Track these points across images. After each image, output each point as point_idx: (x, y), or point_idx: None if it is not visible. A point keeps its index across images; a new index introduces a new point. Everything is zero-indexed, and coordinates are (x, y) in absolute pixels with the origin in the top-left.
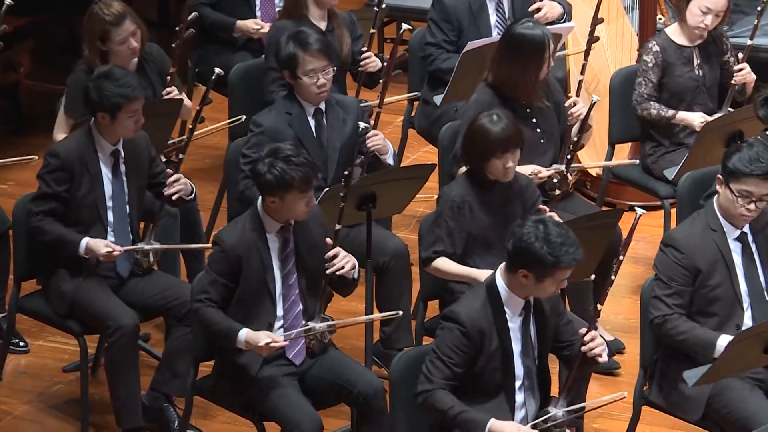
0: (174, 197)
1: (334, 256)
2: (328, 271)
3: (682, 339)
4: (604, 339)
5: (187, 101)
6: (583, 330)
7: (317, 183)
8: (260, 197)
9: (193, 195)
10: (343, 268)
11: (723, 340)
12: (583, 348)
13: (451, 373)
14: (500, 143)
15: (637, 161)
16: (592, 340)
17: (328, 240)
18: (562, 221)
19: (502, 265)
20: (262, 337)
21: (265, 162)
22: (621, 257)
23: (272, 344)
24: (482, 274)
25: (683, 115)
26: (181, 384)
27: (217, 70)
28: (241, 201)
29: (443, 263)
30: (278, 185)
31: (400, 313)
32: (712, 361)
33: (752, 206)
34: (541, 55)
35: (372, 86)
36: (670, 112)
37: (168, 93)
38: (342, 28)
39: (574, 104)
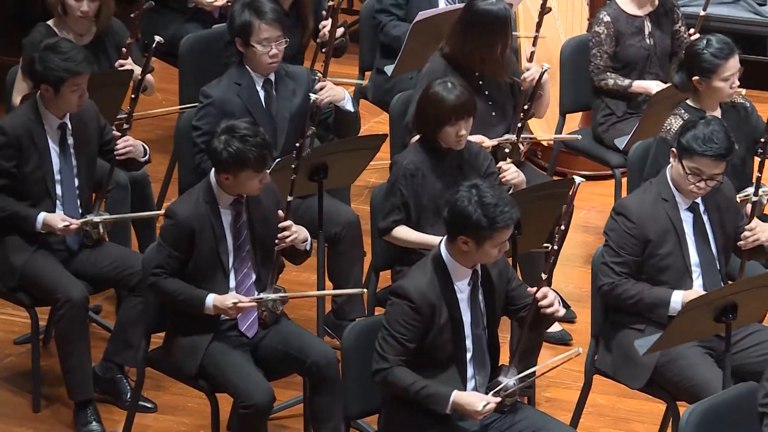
0: (123, 157)
1: (286, 228)
2: (278, 244)
3: (635, 301)
4: (557, 293)
5: (148, 77)
6: (533, 289)
7: (273, 161)
8: (214, 170)
9: (147, 157)
10: (294, 239)
11: (677, 296)
12: (539, 304)
13: (404, 348)
14: (454, 111)
15: (579, 136)
16: (544, 296)
17: (280, 212)
18: (519, 172)
19: (446, 236)
20: (230, 298)
21: (221, 139)
22: (563, 227)
23: (240, 304)
24: (428, 238)
25: (640, 84)
26: (133, 354)
27: (158, 38)
28: (196, 174)
29: (402, 232)
30: (233, 163)
31: (365, 291)
32: (668, 320)
33: (702, 184)
34: (505, 30)
35: (338, 56)
36: (627, 81)
37: (121, 65)
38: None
39: (527, 69)
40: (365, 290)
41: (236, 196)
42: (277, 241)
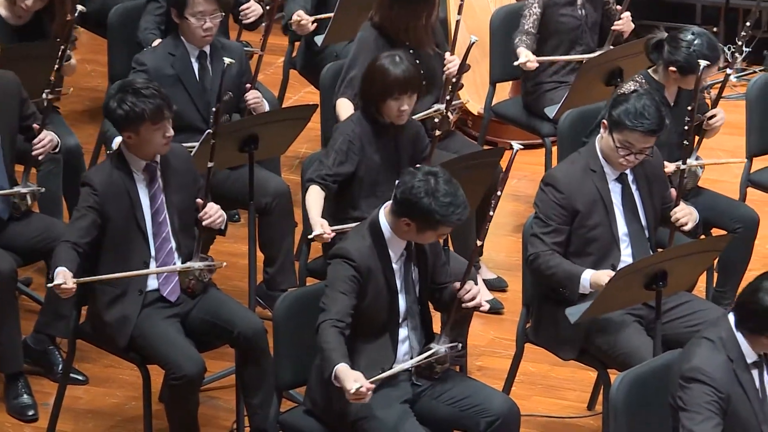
0: (42, 157)
1: (205, 211)
2: (198, 225)
3: (551, 273)
4: (478, 286)
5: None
6: (457, 284)
7: (171, 114)
8: (120, 135)
9: (58, 148)
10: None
11: (587, 274)
12: (459, 296)
13: (346, 302)
14: (398, 85)
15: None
16: (466, 292)
17: (199, 201)
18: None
19: (387, 205)
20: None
21: (115, 98)
22: (499, 192)
23: (63, 286)
24: (316, 218)
25: (519, 50)
26: (65, 326)
27: (80, 7)
28: None
29: (313, 193)
30: (130, 119)
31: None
32: (579, 296)
33: (631, 157)
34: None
35: (253, 29)
36: (520, 47)
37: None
38: None
39: (450, 61)
40: (224, 263)
41: (148, 160)
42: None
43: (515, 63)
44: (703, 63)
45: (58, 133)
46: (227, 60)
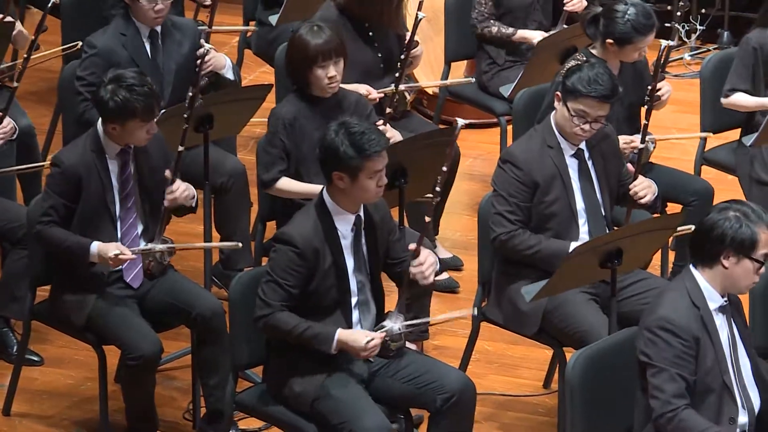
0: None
1: (173, 188)
2: (166, 203)
3: (533, 252)
4: (436, 256)
5: (21, 28)
6: (413, 245)
7: (159, 111)
8: (101, 120)
9: (15, 135)
10: (179, 198)
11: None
12: (411, 270)
13: (288, 294)
14: (320, 52)
15: (473, 79)
16: (420, 263)
17: (167, 173)
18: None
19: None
20: (112, 248)
21: (108, 89)
22: (444, 168)
23: (121, 256)
24: (312, 187)
25: (523, 33)
26: (19, 307)
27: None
28: (80, 124)
29: (285, 183)
30: (120, 113)
31: (239, 245)
32: None
33: (587, 126)
34: None
35: (209, 6)
36: (510, 29)
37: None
38: None
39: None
40: (239, 244)
41: (123, 146)
42: (165, 203)
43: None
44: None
45: (10, 113)
46: (206, 45)
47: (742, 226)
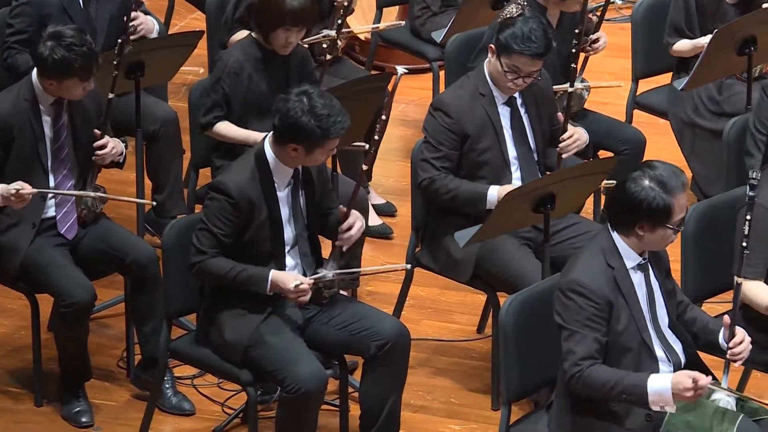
0: None
1: (102, 146)
2: (95, 159)
3: (452, 196)
4: (365, 213)
5: None
6: (344, 209)
7: (97, 70)
8: (36, 71)
9: None
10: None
11: (493, 190)
12: (339, 241)
13: (221, 242)
14: (291, 16)
15: (403, 23)
16: (349, 228)
17: (96, 131)
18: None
19: (271, 135)
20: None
21: (47, 45)
22: (384, 117)
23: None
24: (261, 136)
25: None
26: None
27: None
28: (6, 69)
29: (223, 127)
30: (58, 71)
31: (407, 266)
32: (485, 214)
33: (519, 81)
34: None
35: None
36: None
37: None
38: None
39: None
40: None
41: (57, 97)
42: (94, 158)
43: None
44: None
45: None
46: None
47: (656, 197)
